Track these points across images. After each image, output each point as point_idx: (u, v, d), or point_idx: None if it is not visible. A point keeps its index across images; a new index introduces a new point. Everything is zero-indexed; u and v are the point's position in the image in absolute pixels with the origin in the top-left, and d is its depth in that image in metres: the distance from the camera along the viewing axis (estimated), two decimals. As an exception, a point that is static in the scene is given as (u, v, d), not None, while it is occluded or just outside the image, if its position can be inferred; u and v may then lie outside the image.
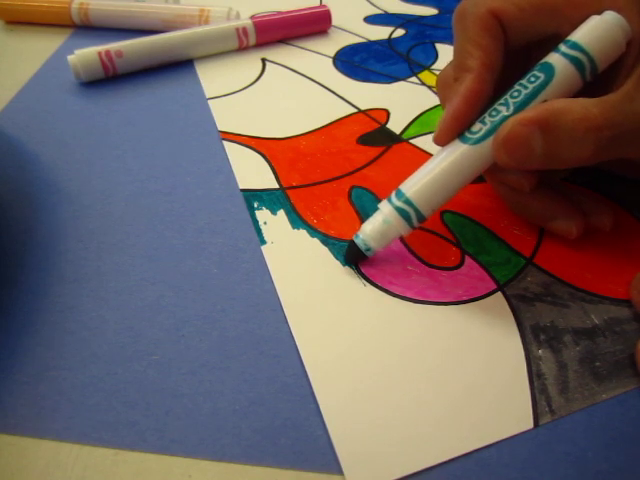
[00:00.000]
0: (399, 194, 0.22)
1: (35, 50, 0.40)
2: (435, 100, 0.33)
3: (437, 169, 0.21)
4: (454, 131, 0.21)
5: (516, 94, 0.21)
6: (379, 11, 0.44)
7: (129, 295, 0.23)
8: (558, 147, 0.19)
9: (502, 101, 0.21)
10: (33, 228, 0.26)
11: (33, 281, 0.23)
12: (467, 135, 0.21)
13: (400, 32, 0.41)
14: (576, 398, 0.19)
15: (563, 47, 0.21)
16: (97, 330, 0.21)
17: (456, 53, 0.23)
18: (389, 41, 0.40)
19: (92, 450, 0.18)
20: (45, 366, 0.20)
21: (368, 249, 0.22)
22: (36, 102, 0.34)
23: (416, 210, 0.21)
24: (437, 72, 0.36)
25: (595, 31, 0.20)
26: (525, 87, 0.21)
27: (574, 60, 0.20)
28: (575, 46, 0.20)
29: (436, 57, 0.38)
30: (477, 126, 0.21)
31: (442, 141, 0.22)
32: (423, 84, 0.35)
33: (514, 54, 0.23)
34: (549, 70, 0.20)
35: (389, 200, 0.22)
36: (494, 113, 0.21)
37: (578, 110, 0.19)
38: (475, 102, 0.21)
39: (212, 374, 0.20)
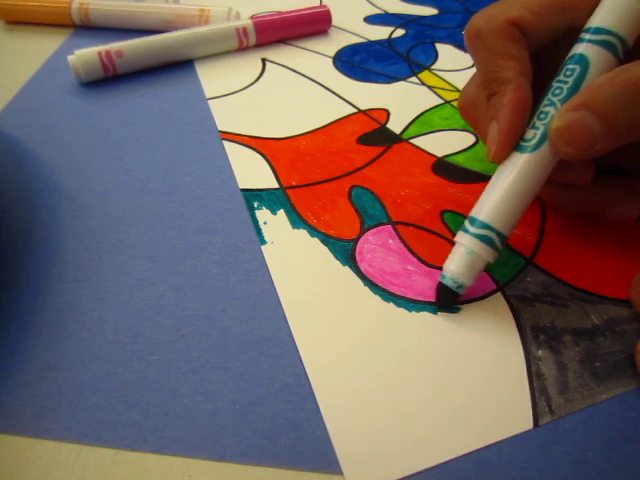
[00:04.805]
0: (473, 221, 0.21)
1: (35, 50, 0.40)
2: (435, 100, 0.33)
3: (504, 185, 0.20)
4: (511, 144, 0.21)
5: (558, 91, 0.20)
6: (379, 11, 0.44)
7: (129, 295, 0.23)
8: (615, 118, 0.19)
9: (546, 102, 0.21)
10: (33, 228, 0.26)
11: (33, 281, 0.23)
12: (522, 144, 0.20)
13: (400, 32, 0.41)
14: (576, 398, 0.19)
15: (588, 35, 0.20)
16: (97, 330, 0.21)
17: (483, 70, 0.22)
18: (389, 41, 0.40)
19: (92, 450, 0.18)
20: (45, 366, 0.20)
21: (459, 286, 0.21)
22: (36, 102, 0.34)
23: (497, 232, 0.20)
24: (437, 72, 0.36)
25: (614, 10, 0.20)
26: (565, 82, 0.20)
27: (603, 44, 0.20)
28: (600, 30, 0.20)
29: (436, 57, 0.37)
30: (530, 133, 0.20)
31: (501, 157, 0.21)
32: (423, 84, 0.35)
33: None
34: (583, 60, 0.20)
35: (464, 230, 0.21)
36: (542, 116, 0.20)
37: (619, 76, 0.19)
38: (524, 111, 0.21)
39: (212, 374, 0.20)
